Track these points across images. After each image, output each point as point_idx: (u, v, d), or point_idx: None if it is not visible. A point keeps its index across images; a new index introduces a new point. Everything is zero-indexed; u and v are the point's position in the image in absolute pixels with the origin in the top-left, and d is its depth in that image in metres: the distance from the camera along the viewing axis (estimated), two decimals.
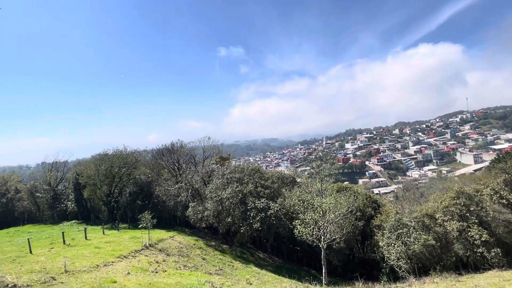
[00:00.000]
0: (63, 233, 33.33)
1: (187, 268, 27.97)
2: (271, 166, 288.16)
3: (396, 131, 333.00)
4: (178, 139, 57.59)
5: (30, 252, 25.78)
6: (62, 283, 16.93)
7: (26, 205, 61.33)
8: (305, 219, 26.79)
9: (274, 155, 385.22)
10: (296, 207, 33.10)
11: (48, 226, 49.71)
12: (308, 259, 46.81)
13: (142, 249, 30.15)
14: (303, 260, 47.28)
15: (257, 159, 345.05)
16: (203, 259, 33.78)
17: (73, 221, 53.25)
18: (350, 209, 30.57)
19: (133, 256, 27.51)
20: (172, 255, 32.02)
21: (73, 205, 55.75)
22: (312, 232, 25.60)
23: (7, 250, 27.52)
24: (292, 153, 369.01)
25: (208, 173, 52.18)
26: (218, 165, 53.17)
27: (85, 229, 35.94)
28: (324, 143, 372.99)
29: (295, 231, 27.82)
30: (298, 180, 52.02)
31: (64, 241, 30.98)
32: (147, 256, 28.49)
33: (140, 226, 33.91)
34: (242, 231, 39.19)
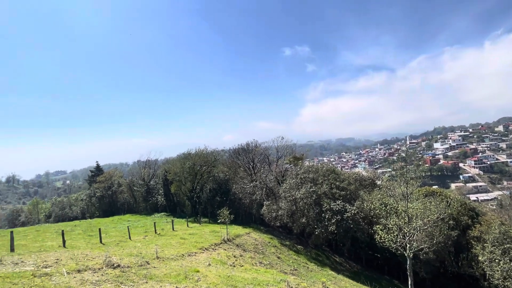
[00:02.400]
0: (154, 223, 37.56)
1: (263, 265, 28.59)
2: (346, 167, 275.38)
3: (500, 128, 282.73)
4: (254, 139, 59.54)
5: (129, 238, 29.66)
6: (154, 267, 18.98)
7: (126, 197, 71.05)
8: (387, 224, 24.68)
9: (350, 156, 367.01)
10: (377, 211, 30.82)
11: (142, 216, 56.67)
12: (389, 268, 43.31)
13: (221, 243, 31.95)
14: (384, 268, 43.91)
15: (331, 159, 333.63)
16: (278, 257, 34.09)
17: (162, 213, 59.65)
18: (441, 217, 27.12)
19: (213, 249, 29.37)
20: (248, 251, 33.15)
21: (162, 199, 62.44)
22: (396, 239, 23.46)
23: (113, 235, 32.19)
24: (370, 154, 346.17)
25: (282, 173, 52.63)
26: (292, 165, 53.15)
27: (172, 221, 39.90)
28: (407, 142, 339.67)
29: (376, 236, 25.89)
30: (378, 182, 48.42)
31: (155, 230, 34.79)
32: (225, 250, 30.09)
33: (219, 221, 35.97)
34: (317, 232, 38.32)
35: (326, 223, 37.43)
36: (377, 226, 26.53)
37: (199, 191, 56.56)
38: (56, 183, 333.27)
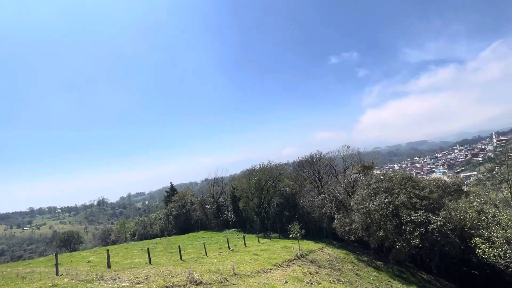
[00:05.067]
0: (227, 239, 38.56)
1: (341, 282, 26.99)
2: (422, 173, 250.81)
3: None
4: (317, 150, 58.25)
5: (206, 254, 30.83)
6: (233, 284, 19.26)
7: (198, 214, 74.93)
8: (491, 237, 21.26)
9: (425, 160, 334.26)
10: (475, 221, 26.93)
11: (215, 233, 58.87)
12: (492, 287, 37.19)
13: (294, 259, 31.22)
14: None
15: (403, 165, 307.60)
16: (356, 274, 31.93)
17: (233, 229, 61.21)
18: None
19: (287, 265, 28.81)
20: (324, 267, 31.74)
21: (232, 215, 64.26)
22: (505, 254, 20.00)
23: (191, 252, 33.87)
24: (448, 156, 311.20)
25: (351, 183, 50.00)
26: (361, 175, 50.25)
27: (244, 237, 40.52)
28: (494, 140, 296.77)
29: (478, 251, 22.47)
30: (465, 188, 42.72)
31: (228, 246, 35.62)
32: (299, 266, 29.27)
33: (290, 236, 35.37)
34: (398, 247, 35.03)
35: (408, 236, 34.00)
36: (477, 239, 23.06)
37: (267, 206, 56.82)
38: (136, 204, 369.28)
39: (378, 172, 52.40)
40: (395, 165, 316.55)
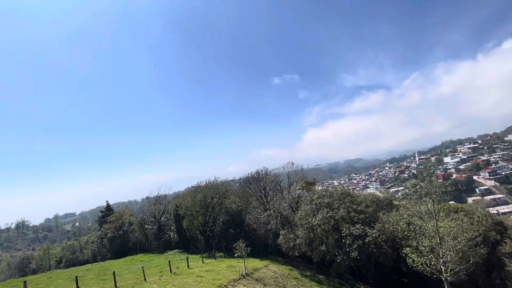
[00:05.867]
0: (169, 262, 36.19)
1: None
2: (358, 188, 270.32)
3: (509, 137, 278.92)
4: (264, 167, 58.96)
5: (145, 279, 28.45)
6: None
7: (137, 236, 69.54)
8: (417, 246, 23.29)
9: (360, 177, 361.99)
10: (406, 232, 29.35)
11: (155, 255, 55.03)
12: None
13: (240, 278, 30.49)
14: None
15: (341, 181, 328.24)
16: None
17: (175, 250, 57.95)
18: (476, 234, 25.67)
19: (232, 286, 27.97)
20: (269, 285, 31.52)
21: (174, 235, 60.96)
22: (430, 262, 21.99)
23: (127, 277, 30.94)
24: (380, 173, 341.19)
25: (295, 199, 51.39)
26: (304, 191, 52.05)
27: (187, 258, 38.50)
28: (417, 159, 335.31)
29: (408, 260, 24.38)
30: (395, 202, 46.88)
31: (170, 269, 33.43)
32: (245, 286, 28.63)
33: (236, 255, 34.65)
34: (338, 260, 36.52)
35: (348, 249, 35.75)
36: (407, 248, 25.11)
37: (212, 224, 55.21)
38: (65, 226, 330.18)
39: (320, 188, 54.88)
40: (335, 181, 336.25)
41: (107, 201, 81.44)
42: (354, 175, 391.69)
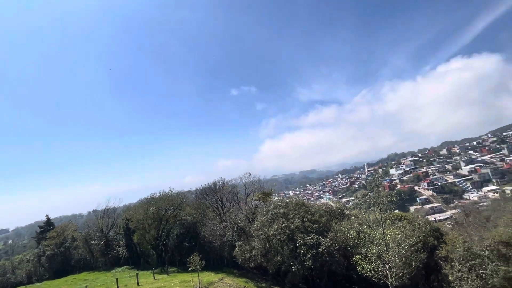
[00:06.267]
0: (117, 279, 33.80)
1: None
2: (312, 198, 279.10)
3: (444, 151, 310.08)
4: (221, 177, 58.34)
5: None
6: None
7: (81, 252, 63.99)
8: (367, 254, 24.57)
9: (315, 187, 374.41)
10: (356, 240, 30.78)
11: (101, 273, 50.98)
12: None
13: None
14: None
15: (297, 192, 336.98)
16: None
17: (124, 266, 54.24)
18: (417, 240, 27.75)
19: None
20: None
21: (124, 251, 57.15)
22: (377, 268, 23.27)
23: None
24: (333, 184, 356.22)
25: (252, 210, 51.40)
26: (261, 201, 52.33)
27: (137, 275, 36.21)
28: (366, 170, 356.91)
29: (358, 267, 25.53)
30: (347, 212, 49.12)
31: (117, 287, 31.24)
32: None
33: (190, 269, 33.45)
34: (293, 270, 36.95)
35: (302, 259, 36.36)
36: (357, 256, 26.31)
37: (165, 237, 52.82)
38: None
39: (276, 198, 55.65)
40: (290, 192, 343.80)
41: (47, 215, 74.10)
42: (308, 185, 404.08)
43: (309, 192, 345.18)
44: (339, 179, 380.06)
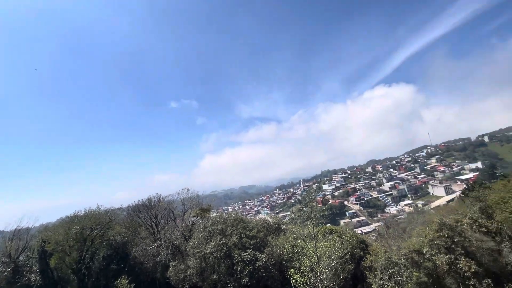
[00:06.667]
0: None
1: None
2: (251, 214, 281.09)
3: (369, 169, 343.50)
4: (157, 193, 55.47)
5: None
6: None
7: None
8: (300, 267, 25.52)
9: (253, 203, 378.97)
10: (290, 254, 31.75)
11: None
12: None
13: None
14: None
15: (236, 207, 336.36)
16: None
17: None
18: (345, 252, 29.77)
19: None
20: None
21: (37, 278, 49.75)
22: (310, 281, 24.28)
23: None
24: (271, 199, 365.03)
25: (189, 227, 49.70)
26: (199, 218, 51.02)
27: None
28: (301, 186, 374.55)
29: (292, 281, 26.24)
30: (283, 227, 50.62)
31: None
32: None
33: None
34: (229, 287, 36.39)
35: (239, 276, 36.04)
36: (291, 270, 27.11)
37: (90, 260, 47.66)
38: None
39: (215, 214, 54.81)
40: (229, 207, 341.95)
41: None
42: (247, 201, 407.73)
43: (248, 207, 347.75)
44: (276, 194, 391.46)
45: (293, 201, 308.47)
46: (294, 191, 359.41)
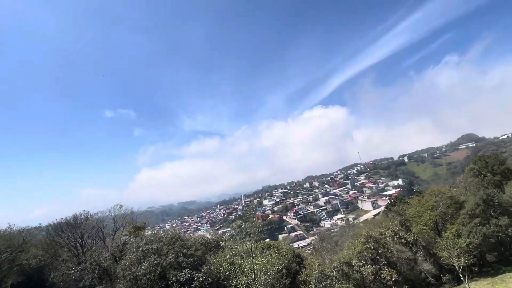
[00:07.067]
0: None
1: None
2: (190, 231, 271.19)
3: (307, 185, 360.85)
4: (84, 210, 50.14)
5: None
6: None
7: None
8: (237, 285, 25.24)
9: (193, 219, 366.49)
10: (227, 272, 31.22)
11: None
12: None
13: None
14: None
15: (174, 225, 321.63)
16: None
17: None
18: (281, 267, 30.37)
19: None
20: None
21: None
22: None
23: None
24: (211, 215, 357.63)
25: (120, 247, 45.84)
26: (132, 236, 47.45)
27: None
28: (243, 201, 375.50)
29: None
30: (222, 243, 49.77)
31: None
32: None
33: None
34: None
35: None
36: None
37: None
38: None
39: (150, 232, 51.57)
40: (167, 224, 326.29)
41: None
42: (187, 217, 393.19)
43: (187, 224, 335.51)
44: (217, 209, 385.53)
45: (234, 216, 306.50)
46: (236, 207, 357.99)
